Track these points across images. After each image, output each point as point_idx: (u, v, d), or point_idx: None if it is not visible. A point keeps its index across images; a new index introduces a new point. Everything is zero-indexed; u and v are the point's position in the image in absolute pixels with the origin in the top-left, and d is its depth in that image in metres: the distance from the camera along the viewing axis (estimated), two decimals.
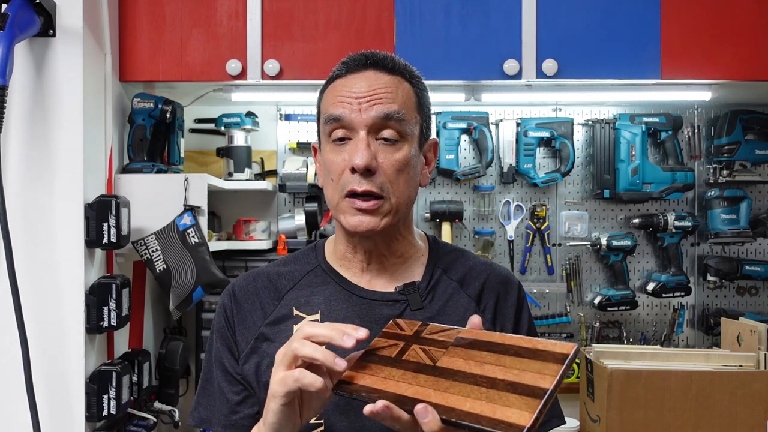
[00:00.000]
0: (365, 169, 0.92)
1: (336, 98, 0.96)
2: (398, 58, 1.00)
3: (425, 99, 1.02)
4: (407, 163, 0.95)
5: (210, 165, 2.43)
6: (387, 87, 0.95)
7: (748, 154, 2.36)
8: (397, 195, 0.95)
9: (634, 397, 1.78)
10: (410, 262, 1.04)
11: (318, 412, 0.82)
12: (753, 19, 1.98)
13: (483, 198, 2.43)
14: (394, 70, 0.98)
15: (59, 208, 1.65)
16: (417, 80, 1.01)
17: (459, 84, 2.06)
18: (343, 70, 0.99)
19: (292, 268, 1.05)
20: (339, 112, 0.94)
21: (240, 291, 1.04)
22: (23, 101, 1.64)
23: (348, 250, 1.02)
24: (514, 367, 0.74)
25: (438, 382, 0.74)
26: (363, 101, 0.94)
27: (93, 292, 1.68)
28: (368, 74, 0.97)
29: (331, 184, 0.96)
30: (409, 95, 0.98)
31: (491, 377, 0.73)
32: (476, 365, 0.75)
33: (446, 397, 0.72)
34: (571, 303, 2.45)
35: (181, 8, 1.96)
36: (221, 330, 1.03)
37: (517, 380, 0.72)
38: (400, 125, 0.94)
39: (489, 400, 0.70)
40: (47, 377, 1.63)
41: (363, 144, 0.92)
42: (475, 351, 0.77)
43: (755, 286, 2.46)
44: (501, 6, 1.98)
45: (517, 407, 0.68)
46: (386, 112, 0.93)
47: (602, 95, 2.25)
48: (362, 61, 0.98)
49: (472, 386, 0.72)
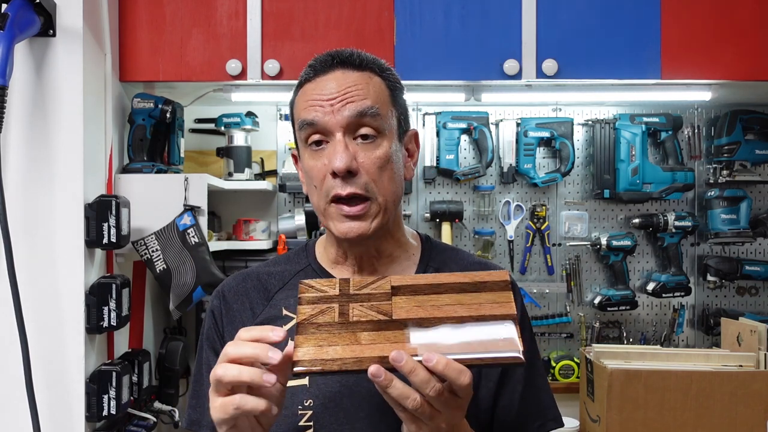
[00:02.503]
0: (346, 172, 0.90)
1: (307, 102, 0.93)
2: (365, 53, 0.97)
3: (399, 91, 0.98)
4: (389, 158, 0.93)
5: (210, 165, 2.43)
6: (357, 84, 0.92)
7: (748, 154, 2.35)
8: (383, 193, 0.93)
9: (634, 397, 1.78)
10: (401, 261, 1.02)
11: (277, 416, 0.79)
12: (753, 19, 1.98)
13: (483, 198, 2.43)
14: (362, 66, 0.95)
15: (59, 208, 1.65)
16: (388, 73, 0.97)
17: (459, 84, 2.06)
18: (311, 73, 0.96)
19: (283, 268, 1.04)
20: (312, 116, 0.92)
21: (229, 291, 1.03)
22: (23, 101, 1.64)
23: (339, 255, 1.01)
24: (469, 302, 0.77)
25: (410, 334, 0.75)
26: (335, 102, 0.91)
27: (93, 292, 1.68)
28: (336, 74, 0.94)
29: (315, 191, 0.94)
30: (381, 89, 0.95)
31: (457, 316, 0.76)
32: (434, 308, 0.77)
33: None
34: (571, 303, 2.44)
35: (181, 8, 1.96)
36: (209, 332, 1.02)
37: (481, 314, 0.76)
38: (376, 121, 0.92)
39: (471, 337, 0.73)
40: (47, 377, 1.63)
41: (341, 146, 0.90)
42: (421, 296, 0.79)
43: (755, 286, 2.46)
44: (501, 6, 1.98)
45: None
46: (359, 109, 0.91)
47: (602, 95, 2.25)
48: (329, 62, 0.95)
49: None
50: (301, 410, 0.91)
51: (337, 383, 0.92)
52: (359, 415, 0.91)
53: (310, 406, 0.91)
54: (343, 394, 0.91)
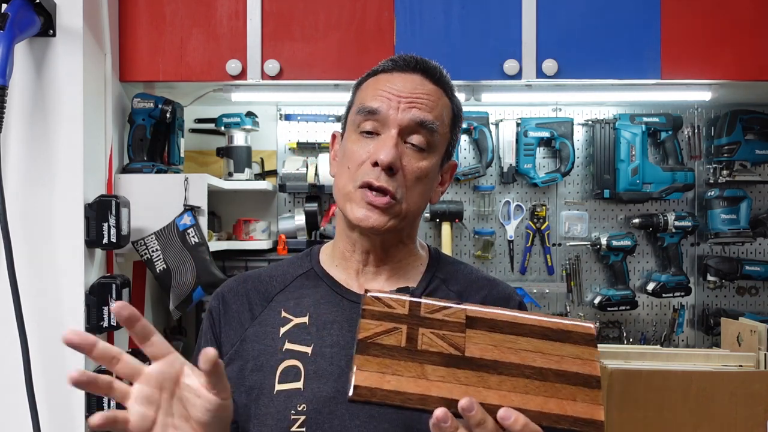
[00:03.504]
0: (388, 167, 0.91)
1: (377, 91, 0.95)
2: (446, 72, 1.00)
3: (459, 120, 1.02)
4: (427, 174, 0.95)
5: (210, 165, 2.43)
6: (429, 95, 0.95)
7: (748, 154, 2.36)
8: (409, 202, 0.94)
9: (634, 397, 1.78)
10: (407, 269, 1.02)
11: (208, 420, 0.73)
12: (752, 20, 1.98)
13: (483, 198, 2.43)
14: (440, 81, 0.98)
15: (59, 208, 1.65)
16: (456, 100, 1.01)
17: (459, 84, 2.06)
18: (390, 66, 0.98)
19: (284, 271, 1.04)
20: (377, 105, 0.94)
21: (229, 292, 1.03)
22: (23, 101, 1.64)
23: (347, 248, 1.00)
24: (550, 352, 0.70)
25: (482, 377, 0.68)
26: (403, 101, 0.93)
27: (93, 292, 1.68)
28: (415, 77, 0.97)
29: (347, 172, 0.95)
30: (447, 111, 0.98)
31: (536, 367, 0.69)
32: (510, 352, 0.70)
33: (503, 395, 0.67)
34: (571, 303, 2.44)
35: (181, 8, 1.96)
36: (206, 334, 1.02)
37: (562, 369, 0.69)
38: (431, 135, 0.94)
39: (550, 395, 0.67)
40: (47, 377, 1.63)
41: (392, 142, 0.92)
42: (498, 334, 0.72)
43: (755, 286, 2.46)
44: (501, 6, 1.98)
45: (582, 400, 0.67)
46: (422, 118, 0.93)
47: (602, 95, 2.25)
48: (412, 63, 0.98)
49: (523, 379, 0.68)
50: (294, 415, 0.89)
51: (332, 389, 0.90)
52: (354, 422, 0.89)
53: (303, 411, 0.89)
54: (337, 400, 0.89)
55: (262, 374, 0.93)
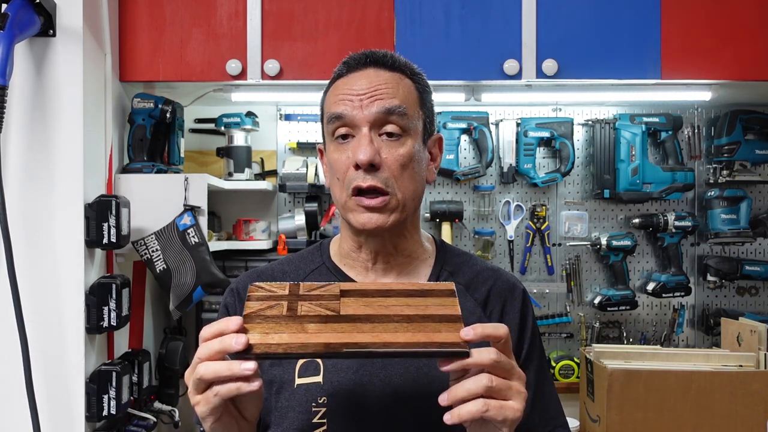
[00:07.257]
0: (369, 165, 0.92)
1: (337, 97, 0.97)
2: (398, 56, 1.01)
3: (427, 95, 1.02)
4: (411, 157, 0.96)
5: (210, 165, 2.43)
6: (387, 83, 0.96)
7: (748, 154, 2.36)
8: (403, 190, 0.95)
9: (634, 397, 1.78)
10: (416, 263, 1.04)
11: (259, 406, 0.82)
12: (753, 19, 1.98)
13: (483, 198, 2.43)
14: (394, 67, 0.99)
15: (59, 208, 1.65)
16: (418, 77, 1.01)
17: (459, 84, 2.06)
18: (344, 69, 1.00)
19: (297, 266, 1.06)
20: (341, 110, 0.95)
21: (243, 287, 1.04)
22: (23, 101, 1.64)
23: (352, 249, 1.02)
24: (416, 305, 0.79)
25: (356, 326, 0.75)
26: (364, 98, 0.94)
27: (93, 292, 1.68)
28: (368, 72, 0.98)
29: (338, 183, 0.97)
30: (410, 91, 0.98)
31: (404, 314, 0.77)
32: (381, 308, 0.78)
33: (376, 335, 0.74)
34: (571, 303, 2.45)
35: (181, 8, 1.96)
36: None
37: (427, 313, 0.78)
38: (403, 120, 0.95)
39: (417, 331, 0.75)
40: (47, 377, 1.63)
41: (366, 140, 0.93)
42: (369, 298, 0.80)
43: (755, 286, 2.46)
44: (501, 6, 1.98)
45: (446, 331, 0.75)
46: (387, 107, 0.94)
47: (602, 95, 2.25)
48: (362, 60, 0.99)
49: (392, 323, 0.76)
50: (315, 407, 0.92)
51: (351, 381, 0.93)
52: (373, 412, 0.92)
53: (323, 404, 0.92)
54: (356, 392, 0.92)
55: (282, 368, 0.96)
